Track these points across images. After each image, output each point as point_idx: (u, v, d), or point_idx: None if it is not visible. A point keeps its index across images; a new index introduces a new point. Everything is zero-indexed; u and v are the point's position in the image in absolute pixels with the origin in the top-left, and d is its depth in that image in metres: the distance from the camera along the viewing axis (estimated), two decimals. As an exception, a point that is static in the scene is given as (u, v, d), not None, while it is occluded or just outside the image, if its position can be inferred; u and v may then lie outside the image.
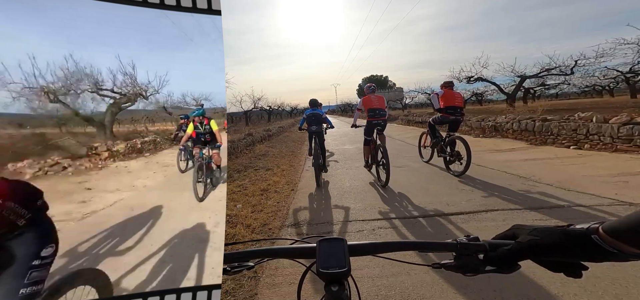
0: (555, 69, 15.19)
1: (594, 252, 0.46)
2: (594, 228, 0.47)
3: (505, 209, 3.57)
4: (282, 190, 5.37)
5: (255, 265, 0.66)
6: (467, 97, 31.82)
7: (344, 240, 0.61)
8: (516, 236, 0.56)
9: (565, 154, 6.38)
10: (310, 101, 5.86)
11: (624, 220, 0.43)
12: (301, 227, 3.67)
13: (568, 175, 4.78)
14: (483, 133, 10.22)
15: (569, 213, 3.31)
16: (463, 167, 5.03)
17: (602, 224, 0.46)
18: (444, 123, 5.54)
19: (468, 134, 10.94)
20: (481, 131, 10.41)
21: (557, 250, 0.49)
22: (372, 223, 3.50)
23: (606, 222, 0.46)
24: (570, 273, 0.50)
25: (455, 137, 5.29)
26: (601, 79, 22.40)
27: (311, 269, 0.64)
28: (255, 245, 1.72)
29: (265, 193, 5.28)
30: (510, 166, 5.70)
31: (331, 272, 0.56)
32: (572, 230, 0.48)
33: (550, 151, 6.80)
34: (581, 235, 0.47)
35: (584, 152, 6.39)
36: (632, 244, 0.42)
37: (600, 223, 0.47)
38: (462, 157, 5.07)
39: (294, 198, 4.97)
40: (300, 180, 6.02)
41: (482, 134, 10.23)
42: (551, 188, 4.19)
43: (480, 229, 3.15)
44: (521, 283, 2.03)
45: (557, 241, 0.49)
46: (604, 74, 20.21)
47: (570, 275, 0.50)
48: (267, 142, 12.70)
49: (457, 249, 0.59)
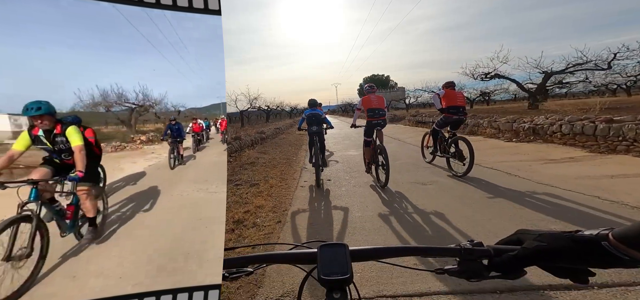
0: (586, 63, 13.44)
1: (603, 258, 0.45)
2: (604, 234, 0.45)
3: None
4: (264, 223, 3.67)
5: (254, 270, 0.65)
6: (474, 97, 30.24)
7: (346, 245, 0.59)
8: (521, 241, 0.55)
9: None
10: (310, 101, 5.61)
11: (635, 226, 0.43)
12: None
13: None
14: (516, 136, 8.48)
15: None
16: (466, 168, 4.86)
17: (612, 230, 0.45)
18: (448, 124, 5.35)
19: (496, 138, 9.21)
20: (514, 134, 8.68)
21: (565, 256, 0.48)
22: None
23: (616, 229, 0.45)
24: (577, 279, 0.49)
25: (458, 137, 5.17)
26: (623, 77, 20.51)
27: (312, 274, 0.62)
28: (254, 250, 1.71)
29: (238, 228, 3.59)
30: (593, 186, 3.96)
31: (333, 279, 0.54)
32: (581, 236, 0.48)
33: (636, 163, 5.06)
34: (591, 241, 0.46)
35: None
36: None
37: (610, 229, 0.46)
38: (465, 157, 4.90)
39: (280, 235, 3.29)
40: (292, 204, 4.33)
41: (515, 137, 8.49)
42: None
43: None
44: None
45: (565, 247, 0.48)
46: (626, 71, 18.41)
47: (576, 282, 0.49)
48: (260, 146, 10.99)
49: (461, 254, 0.58)
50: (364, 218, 3.57)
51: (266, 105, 28.43)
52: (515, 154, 6.62)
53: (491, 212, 3.41)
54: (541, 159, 5.97)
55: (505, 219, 3.20)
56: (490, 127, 9.94)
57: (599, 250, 0.45)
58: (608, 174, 4.54)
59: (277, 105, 33.58)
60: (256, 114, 30.18)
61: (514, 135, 8.65)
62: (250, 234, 3.40)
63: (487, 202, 3.76)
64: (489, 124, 10.07)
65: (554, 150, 6.66)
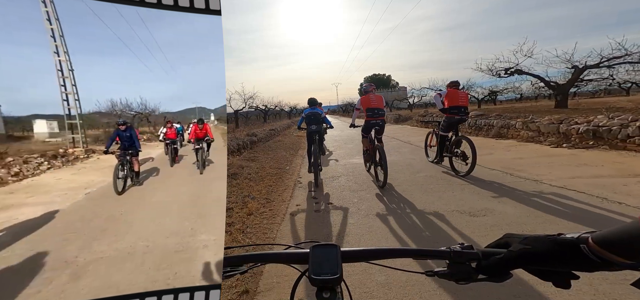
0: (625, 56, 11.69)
1: (583, 261, 0.45)
2: (583, 238, 0.45)
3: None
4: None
5: (248, 269, 0.66)
6: (482, 97, 28.48)
7: (337, 246, 0.60)
8: (508, 245, 0.55)
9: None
10: (309, 100, 5.42)
11: (615, 231, 0.43)
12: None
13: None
14: (567, 141, 6.76)
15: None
16: (468, 167, 4.63)
17: (593, 233, 0.45)
18: (452, 125, 5.13)
19: (536, 142, 7.48)
20: (562, 138, 6.96)
21: (548, 259, 0.48)
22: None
23: (596, 233, 0.45)
24: (559, 283, 0.49)
25: (461, 137, 5.00)
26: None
27: (305, 274, 0.62)
28: (248, 249, 1.60)
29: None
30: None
31: (323, 278, 0.55)
32: (562, 239, 0.47)
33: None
34: (571, 244, 0.46)
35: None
36: (622, 255, 0.42)
37: (591, 233, 0.45)
38: (468, 157, 4.70)
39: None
40: (276, 239, 2.62)
41: (565, 142, 6.77)
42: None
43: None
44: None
45: (547, 250, 0.48)
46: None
47: (558, 285, 0.49)
48: (248, 151, 9.31)
49: (451, 257, 0.58)
50: (390, 283, 1.93)
51: (264, 105, 26.79)
52: (582, 166, 4.91)
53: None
54: (629, 173, 4.26)
55: None
56: (527, 129, 8.21)
57: (578, 253, 0.45)
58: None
59: (276, 104, 31.46)
60: (254, 114, 28.56)
61: (562, 139, 6.92)
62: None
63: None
64: (524, 125, 8.34)
65: (635, 161, 4.95)
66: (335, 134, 13.49)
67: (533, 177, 4.45)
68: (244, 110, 23.24)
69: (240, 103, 21.81)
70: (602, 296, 1.79)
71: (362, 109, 5.05)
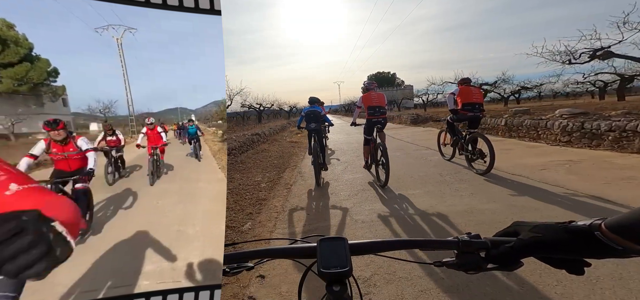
0: None
1: (596, 248, 0.45)
2: (596, 224, 0.45)
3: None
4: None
5: (254, 265, 0.65)
6: (490, 97, 26.24)
7: (345, 239, 0.60)
8: (517, 233, 0.55)
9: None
10: (310, 98, 5.37)
11: (627, 216, 0.42)
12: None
13: None
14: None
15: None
16: (487, 166, 4.54)
17: (605, 220, 0.45)
18: (463, 120, 5.20)
19: (627, 151, 5.45)
20: None
21: (560, 247, 0.48)
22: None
23: (609, 219, 0.44)
24: (573, 270, 0.49)
25: (477, 134, 4.95)
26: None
27: (312, 268, 0.63)
28: (254, 245, 1.70)
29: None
30: None
31: (332, 272, 0.55)
32: (575, 226, 0.47)
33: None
34: (584, 231, 0.46)
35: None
36: (636, 241, 0.41)
37: (603, 219, 0.45)
38: (485, 155, 4.62)
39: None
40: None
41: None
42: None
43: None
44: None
45: (559, 238, 0.48)
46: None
47: (572, 272, 0.49)
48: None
49: (459, 246, 0.58)
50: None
51: (258, 103, 24.90)
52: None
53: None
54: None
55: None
56: (614, 134, 5.81)
57: (592, 240, 0.45)
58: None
59: (272, 103, 28.70)
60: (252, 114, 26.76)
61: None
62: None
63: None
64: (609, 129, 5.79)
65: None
66: (339, 138, 11.87)
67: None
68: (232, 110, 21.05)
69: (230, 102, 19.88)
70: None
71: (363, 107, 4.98)
